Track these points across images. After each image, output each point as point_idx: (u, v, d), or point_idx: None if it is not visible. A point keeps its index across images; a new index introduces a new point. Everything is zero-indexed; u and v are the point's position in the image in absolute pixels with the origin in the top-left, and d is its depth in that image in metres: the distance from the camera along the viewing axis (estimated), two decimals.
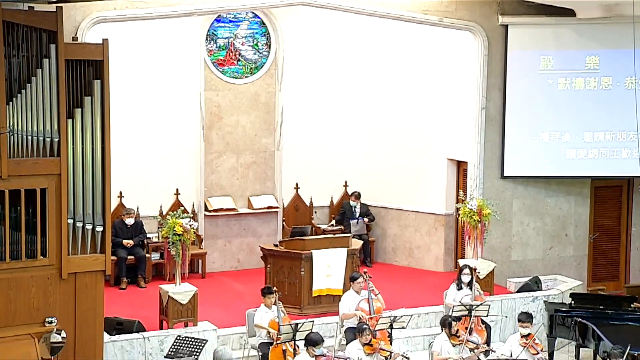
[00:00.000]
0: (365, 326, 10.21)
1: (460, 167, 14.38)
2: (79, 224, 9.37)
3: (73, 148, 9.28)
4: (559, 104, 13.72)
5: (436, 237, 14.55)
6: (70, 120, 9.24)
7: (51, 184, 9.16)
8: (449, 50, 14.14)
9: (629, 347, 9.63)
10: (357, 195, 14.82)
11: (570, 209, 14.36)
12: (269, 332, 10.59)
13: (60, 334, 9.09)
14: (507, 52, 13.58)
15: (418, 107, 14.55)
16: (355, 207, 14.77)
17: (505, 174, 13.83)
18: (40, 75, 9.03)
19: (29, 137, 9.03)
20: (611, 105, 13.65)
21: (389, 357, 10.20)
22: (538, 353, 10.48)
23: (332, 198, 15.19)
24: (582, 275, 14.45)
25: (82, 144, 9.32)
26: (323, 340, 9.78)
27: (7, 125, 8.87)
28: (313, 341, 9.60)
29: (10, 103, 8.92)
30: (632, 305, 11.88)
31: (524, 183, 14.05)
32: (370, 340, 10.18)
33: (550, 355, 11.52)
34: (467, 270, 11.83)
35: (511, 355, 10.41)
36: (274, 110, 14.41)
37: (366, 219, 14.70)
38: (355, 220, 14.63)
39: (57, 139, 9.16)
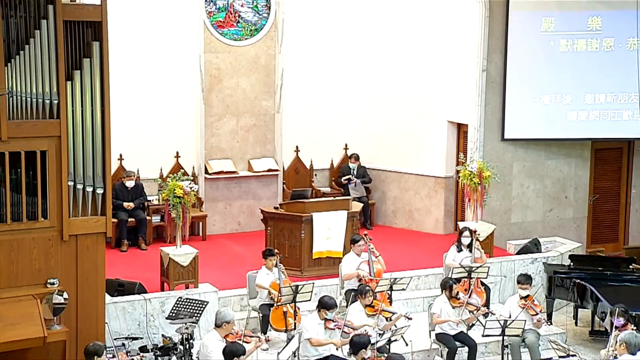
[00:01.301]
0: (367, 288, 10.25)
1: (461, 129, 14.36)
2: (80, 186, 9.34)
3: (73, 110, 9.21)
4: (561, 66, 13.65)
5: (436, 200, 14.58)
6: (69, 82, 9.17)
7: (51, 146, 9.11)
8: (449, 12, 14.03)
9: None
10: (356, 157, 14.81)
11: (570, 171, 14.37)
12: (270, 293, 10.65)
13: (62, 295, 9.12)
14: (509, 13, 13.47)
15: (419, 69, 14.48)
16: (353, 169, 14.76)
17: (505, 137, 13.81)
18: (39, 36, 8.94)
19: (28, 99, 8.97)
20: (613, 66, 13.59)
21: (390, 318, 10.27)
22: (537, 314, 10.54)
23: (332, 161, 15.19)
24: (582, 237, 14.50)
25: (82, 106, 9.25)
26: (336, 306, 9.81)
27: (6, 86, 8.82)
28: (328, 305, 9.61)
29: (9, 64, 8.85)
30: (630, 266, 11.95)
31: (525, 145, 14.03)
32: (372, 302, 10.23)
33: (549, 316, 11.60)
34: (467, 233, 11.87)
35: (510, 317, 10.47)
36: (274, 72, 14.34)
37: (359, 180, 14.64)
38: (353, 184, 14.61)
39: (56, 101, 9.10)
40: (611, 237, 15.00)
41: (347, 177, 14.59)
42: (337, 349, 9.66)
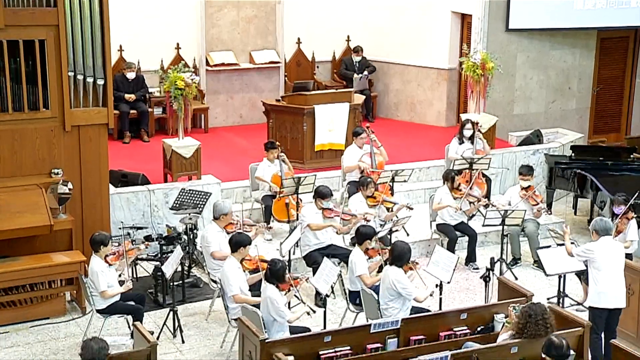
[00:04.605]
0: (369, 179, 10.30)
1: (465, 20, 14.12)
2: (80, 77, 9.29)
3: None
4: None
5: (438, 92, 14.49)
6: None
7: (49, 35, 9.01)
8: None
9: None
10: (359, 50, 14.64)
11: (574, 61, 14.22)
12: (270, 187, 10.73)
13: (66, 185, 9.22)
14: None
15: None
16: (356, 62, 14.62)
17: (510, 27, 13.58)
18: None
19: None
20: None
21: (392, 208, 10.35)
22: (537, 204, 10.62)
23: (334, 53, 15.03)
24: (584, 128, 14.50)
25: None
26: (332, 194, 9.89)
27: None
28: (322, 194, 9.71)
29: None
30: (631, 155, 11.98)
31: (529, 36, 13.83)
32: (373, 193, 10.31)
33: (549, 206, 11.69)
34: (469, 125, 11.82)
35: (510, 206, 10.56)
36: None
37: (366, 72, 14.53)
38: (358, 77, 14.49)
39: None
40: (613, 128, 14.99)
41: (360, 75, 14.44)
42: (337, 233, 9.79)
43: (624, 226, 9.61)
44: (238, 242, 8.41)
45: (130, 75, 13.02)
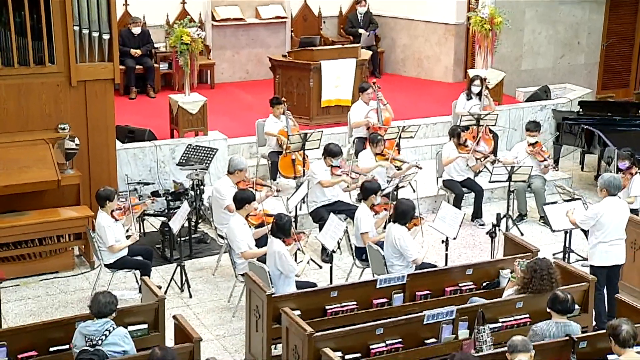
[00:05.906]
0: (379, 137, 10.27)
1: None
2: (85, 31, 9.24)
3: None
4: None
5: (446, 47, 14.37)
6: None
7: None
8: None
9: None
10: (361, 0, 14.47)
11: (584, 15, 14.06)
12: (278, 140, 10.72)
13: (73, 141, 9.23)
14: None
15: None
16: (361, 14, 14.47)
17: None
18: None
19: None
20: None
21: (400, 167, 10.33)
22: (544, 160, 10.60)
23: (340, 8, 14.89)
24: (592, 83, 14.40)
25: None
26: (342, 153, 9.87)
27: None
28: (332, 152, 9.67)
29: None
30: (639, 111, 11.91)
31: None
32: (383, 150, 10.29)
33: (556, 162, 11.68)
34: (477, 82, 11.76)
35: (517, 162, 10.53)
36: None
37: (367, 32, 14.40)
38: (366, 33, 14.35)
39: None
40: (622, 83, 14.87)
41: (368, 33, 14.30)
42: (347, 186, 9.79)
43: (628, 181, 9.59)
44: (243, 199, 8.43)
45: (136, 30, 12.93)
